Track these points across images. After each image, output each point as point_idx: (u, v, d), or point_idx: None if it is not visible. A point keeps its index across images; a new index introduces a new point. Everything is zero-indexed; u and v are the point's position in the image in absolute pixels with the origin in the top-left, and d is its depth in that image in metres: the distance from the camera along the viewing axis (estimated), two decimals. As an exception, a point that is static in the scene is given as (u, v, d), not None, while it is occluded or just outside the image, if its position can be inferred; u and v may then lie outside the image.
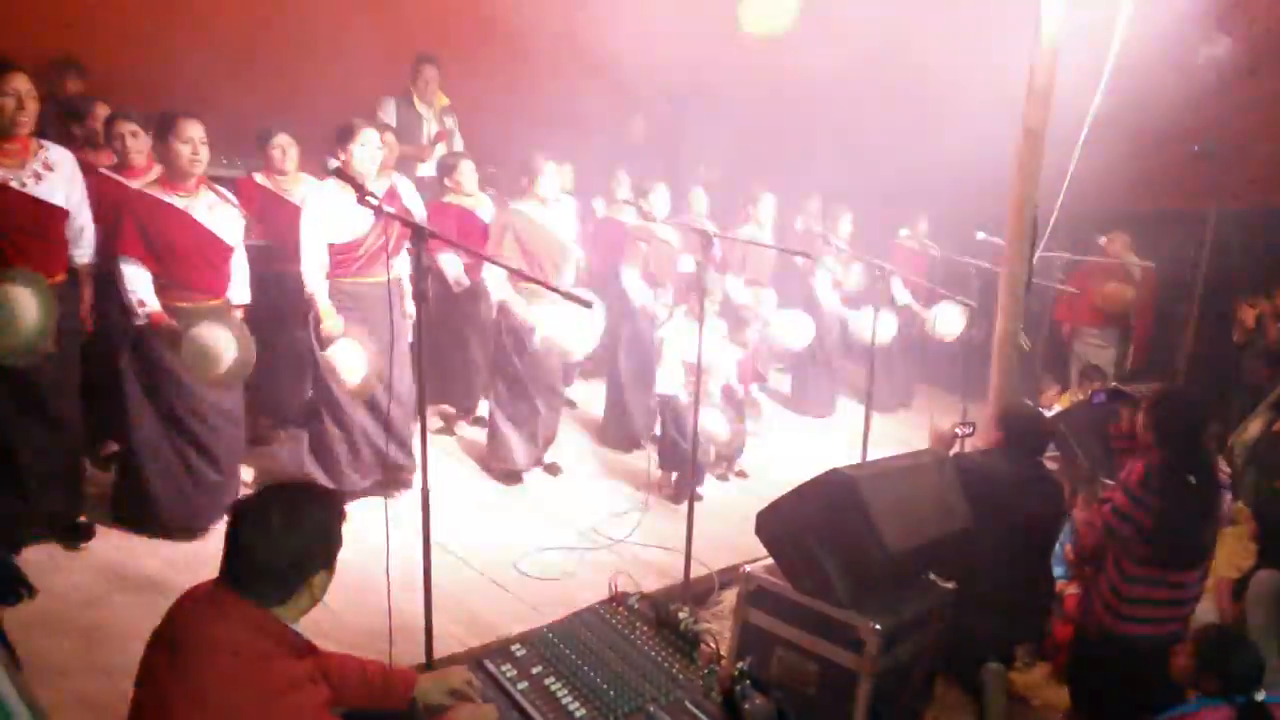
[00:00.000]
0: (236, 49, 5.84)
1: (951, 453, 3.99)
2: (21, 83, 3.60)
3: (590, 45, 6.50)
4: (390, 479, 4.79)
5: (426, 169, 6.56)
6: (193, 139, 3.95)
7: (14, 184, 3.66)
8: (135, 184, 4.27)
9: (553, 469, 5.60)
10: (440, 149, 6.66)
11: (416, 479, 4.85)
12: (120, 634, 3.47)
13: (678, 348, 5.35)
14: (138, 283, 3.99)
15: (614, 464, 5.93)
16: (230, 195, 4.30)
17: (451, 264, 5.57)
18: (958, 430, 4.36)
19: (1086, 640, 3.79)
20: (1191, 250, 7.42)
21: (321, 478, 4.65)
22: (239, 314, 4.35)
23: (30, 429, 3.84)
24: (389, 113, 6.36)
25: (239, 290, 4.38)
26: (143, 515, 4.22)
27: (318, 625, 3.52)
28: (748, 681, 2.38)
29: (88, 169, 4.13)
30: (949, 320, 7.43)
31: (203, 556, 4.05)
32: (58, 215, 3.83)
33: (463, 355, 5.89)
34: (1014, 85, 4.77)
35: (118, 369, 4.12)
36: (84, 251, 4.06)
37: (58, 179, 3.80)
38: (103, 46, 5.87)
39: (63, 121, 4.85)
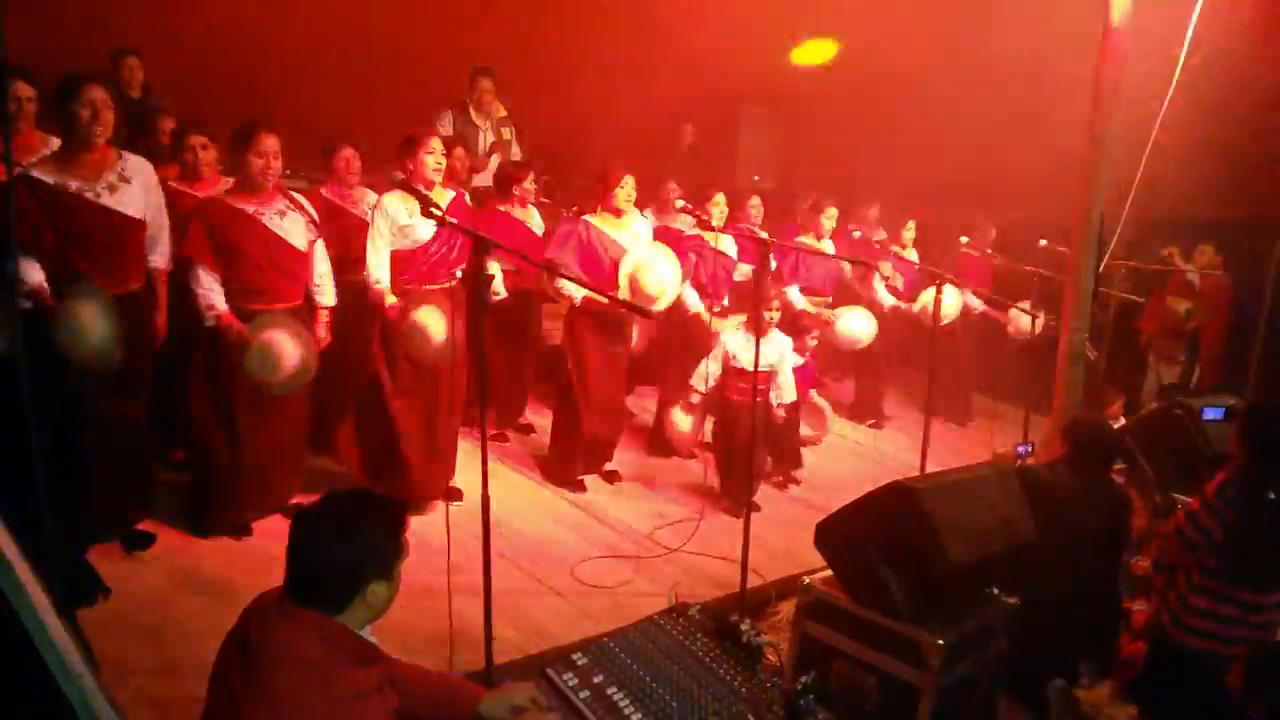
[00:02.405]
0: (300, 63, 5.96)
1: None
2: (97, 93, 3.66)
3: (645, 50, 6.52)
4: (444, 488, 4.82)
5: (483, 179, 6.62)
6: (266, 152, 4.05)
7: (88, 194, 3.72)
8: (204, 195, 4.38)
9: (611, 476, 5.61)
10: (495, 159, 6.72)
11: (463, 484, 4.94)
12: (186, 634, 3.54)
13: (727, 348, 5.32)
14: (209, 285, 4.09)
15: (667, 471, 5.92)
16: (305, 202, 4.38)
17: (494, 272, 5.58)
18: (1019, 450, 4.30)
19: (1151, 651, 3.72)
20: (1262, 259, 7.21)
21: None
22: (322, 315, 4.50)
23: (98, 434, 3.90)
24: (446, 125, 6.43)
25: (326, 294, 4.49)
26: (204, 514, 4.35)
27: (379, 630, 3.56)
28: (811, 696, 2.35)
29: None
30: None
31: (267, 558, 4.11)
32: (131, 226, 3.88)
33: (507, 363, 5.92)
34: (1081, 89, 4.68)
35: (189, 372, 4.24)
36: (158, 258, 4.12)
37: (134, 190, 3.85)
38: (173, 60, 6.03)
39: (130, 132, 4.95)
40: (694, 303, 5.86)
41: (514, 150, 6.90)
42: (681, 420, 5.58)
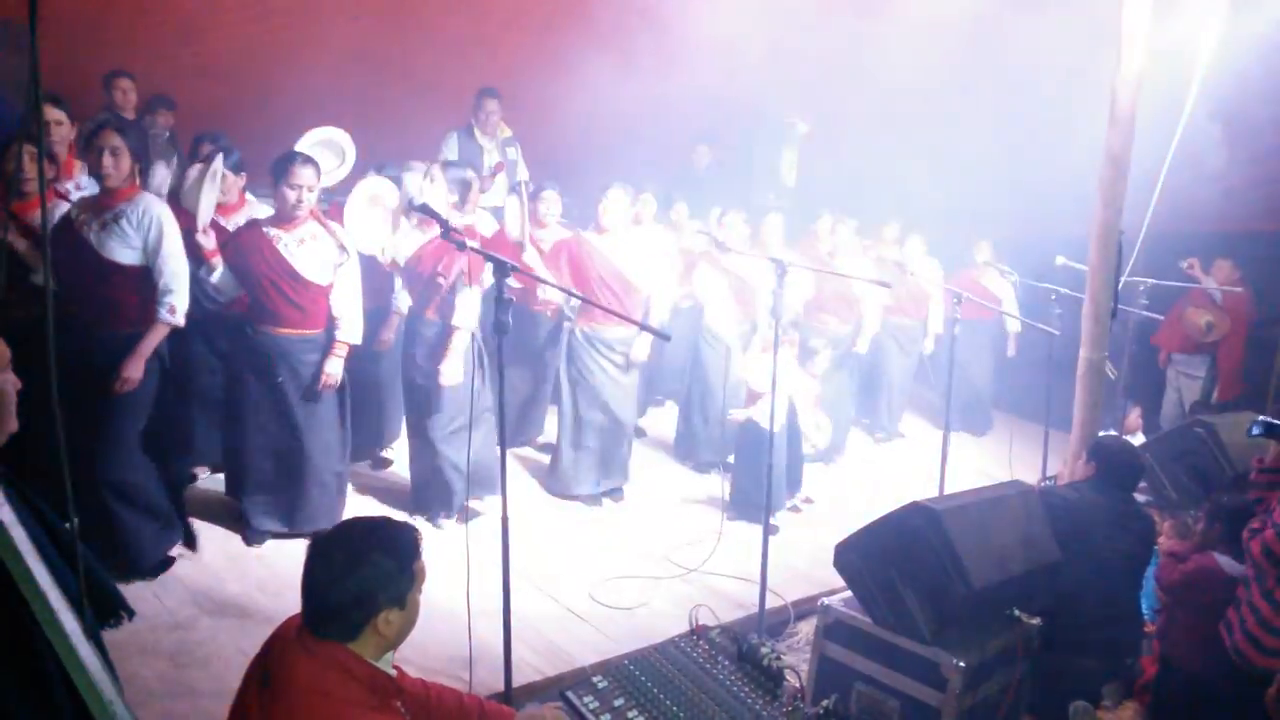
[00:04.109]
0: (322, 85, 6.02)
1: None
2: (115, 139, 3.77)
3: (659, 72, 6.56)
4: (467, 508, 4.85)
5: (489, 199, 6.66)
6: (300, 185, 4.09)
7: (84, 232, 3.78)
8: (226, 221, 4.45)
9: (616, 495, 5.62)
10: (501, 179, 6.77)
11: (481, 504, 4.96)
12: (207, 656, 3.55)
13: (752, 376, 5.35)
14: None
15: (685, 489, 5.91)
16: (339, 232, 4.34)
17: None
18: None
19: (1195, 674, 3.68)
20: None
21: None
22: (336, 349, 4.39)
23: (112, 469, 3.92)
24: (451, 146, 6.50)
25: (349, 330, 4.38)
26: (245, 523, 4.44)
27: (399, 651, 3.57)
28: (833, 720, 2.35)
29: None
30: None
31: (288, 579, 4.13)
32: (119, 271, 3.82)
33: (521, 382, 5.95)
34: (1098, 105, 4.69)
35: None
36: (168, 312, 3.92)
37: (129, 233, 3.81)
38: (192, 84, 6.12)
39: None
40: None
41: (520, 170, 6.93)
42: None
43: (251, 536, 4.46)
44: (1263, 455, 3.82)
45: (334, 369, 4.34)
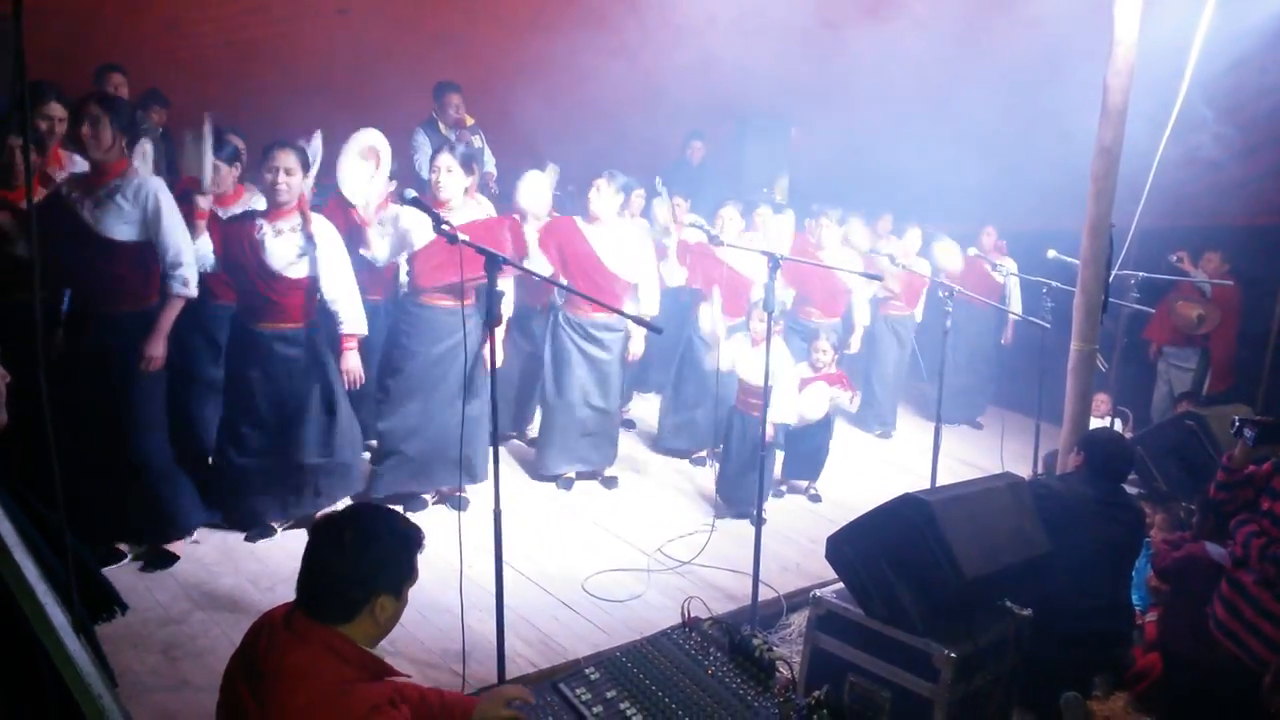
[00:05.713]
0: (311, 81, 6.01)
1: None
2: (94, 109, 3.74)
3: (652, 66, 6.55)
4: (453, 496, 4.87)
5: None
6: (277, 168, 4.07)
7: (77, 209, 3.75)
8: (224, 212, 4.42)
9: (609, 482, 5.64)
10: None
11: (475, 495, 4.97)
12: (201, 650, 3.55)
13: (730, 363, 5.39)
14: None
15: (676, 480, 5.92)
16: (314, 224, 4.26)
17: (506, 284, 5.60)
18: None
19: (1189, 661, 3.69)
20: (1271, 265, 7.20)
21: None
22: (348, 343, 4.36)
23: (116, 457, 3.93)
24: (423, 141, 6.51)
25: (345, 320, 4.32)
26: (238, 516, 4.42)
27: (392, 644, 3.58)
28: (825, 711, 2.36)
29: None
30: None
31: (281, 574, 4.14)
32: (120, 248, 3.81)
33: (518, 373, 5.96)
34: (1096, 98, 4.69)
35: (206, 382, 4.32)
36: (177, 281, 3.91)
37: (125, 208, 3.79)
38: (184, 80, 6.09)
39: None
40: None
41: (486, 157, 6.91)
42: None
43: (258, 532, 4.45)
44: (1231, 453, 3.84)
45: (353, 364, 4.38)
